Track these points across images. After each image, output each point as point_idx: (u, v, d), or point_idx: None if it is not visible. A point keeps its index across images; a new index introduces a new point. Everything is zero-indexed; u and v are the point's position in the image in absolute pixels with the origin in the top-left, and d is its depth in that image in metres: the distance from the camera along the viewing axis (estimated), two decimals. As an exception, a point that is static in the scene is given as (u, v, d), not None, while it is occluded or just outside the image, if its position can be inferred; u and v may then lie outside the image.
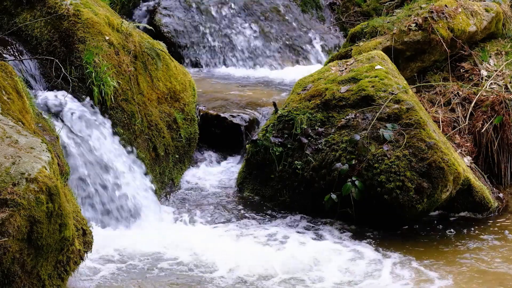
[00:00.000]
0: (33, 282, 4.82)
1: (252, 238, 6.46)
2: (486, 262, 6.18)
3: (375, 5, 11.31)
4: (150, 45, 7.36)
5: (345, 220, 6.77)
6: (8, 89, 5.51)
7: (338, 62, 7.65)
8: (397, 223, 6.78)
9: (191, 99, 7.79)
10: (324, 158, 6.92)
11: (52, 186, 4.74)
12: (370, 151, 6.71)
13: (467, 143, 7.64)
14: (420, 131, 6.76)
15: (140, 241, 6.17)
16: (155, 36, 8.36)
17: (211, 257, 5.99)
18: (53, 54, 6.68)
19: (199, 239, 6.32)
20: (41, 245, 4.74)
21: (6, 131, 5.01)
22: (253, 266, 5.88)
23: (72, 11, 6.81)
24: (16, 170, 4.68)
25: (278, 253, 6.16)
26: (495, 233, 6.78)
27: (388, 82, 7.13)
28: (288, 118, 7.23)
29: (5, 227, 4.50)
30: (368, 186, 6.66)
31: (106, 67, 6.70)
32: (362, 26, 8.60)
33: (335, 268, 5.96)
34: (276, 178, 7.18)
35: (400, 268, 6.03)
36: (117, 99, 6.82)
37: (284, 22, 11.23)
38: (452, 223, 6.99)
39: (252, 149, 7.32)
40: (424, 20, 8.15)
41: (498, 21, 8.81)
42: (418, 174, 6.60)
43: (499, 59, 8.48)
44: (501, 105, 7.67)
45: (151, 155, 7.09)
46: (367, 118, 6.96)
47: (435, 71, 8.41)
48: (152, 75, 7.32)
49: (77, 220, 5.42)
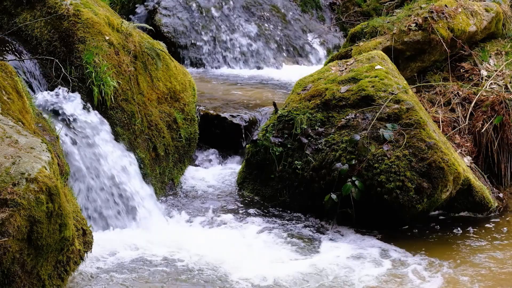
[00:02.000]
0: (33, 282, 4.82)
1: (252, 238, 6.46)
2: (489, 262, 6.19)
3: (375, 5, 11.32)
4: (150, 45, 7.36)
5: (345, 220, 6.77)
6: (8, 89, 5.51)
7: (338, 62, 7.65)
8: (397, 223, 6.78)
9: (191, 99, 7.79)
10: (324, 158, 6.92)
11: (52, 186, 4.74)
12: (370, 151, 6.71)
13: (467, 143, 7.64)
14: (420, 131, 6.76)
15: (139, 241, 6.17)
16: (155, 36, 8.37)
17: (211, 258, 5.99)
18: (53, 54, 6.68)
19: (199, 239, 6.32)
20: (41, 245, 4.73)
21: (6, 131, 5.01)
22: (254, 268, 5.88)
23: (72, 11, 6.81)
24: (16, 170, 4.68)
25: (278, 253, 6.16)
26: (495, 233, 6.78)
27: (388, 82, 7.13)
28: (288, 118, 7.23)
29: (5, 227, 4.50)
30: (368, 186, 6.66)
31: (106, 67, 6.70)
32: (362, 26, 8.60)
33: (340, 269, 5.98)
34: (276, 178, 7.17)
35: (401, 266, 6.04)
36: (117, 99, 6.82)
37: (284, 22, 11.23)
38: (452, 223, 6.99)
39: (252, 149, 7.32)
40: (424, 20, 8.15)
41: (498, 21, 8.82)
42: (418, 174, 6.60)
43: (499, 59, 8.48)
44: (501, 105, 7.67)
45: (151, 155, 7.09)
46: (367, 118, 6.96)
47: (435, 71, 8.41)
48: (152, 75, 7.32)
49: (77, 220, 5.42)
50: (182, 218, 6.77)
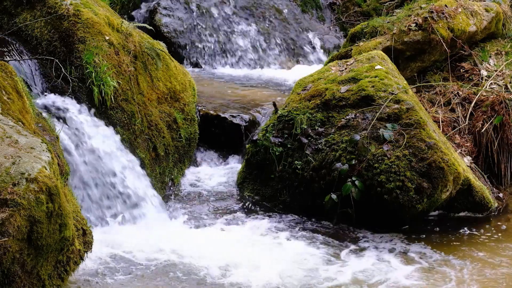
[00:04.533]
0: (33, 282, 4.82)
1: (253, 239, 6.46)
2: (489, 262, 6.20)
3: (375, 5, 11.31)
4: (150, 45, 7.36)
5: (345, 220, 6.77)
6: (8, 89, 5.51)
7: (338, 62, 7.65)
8: (397, 223, 6.78)
9: (191, 99, 7.79)
10: (324, 158, 6.92)
11: (52, 186, 4.74)
12: (370, 151, 6.71)
13: (467, 143, 7.64)
14: (420, 131, 6.76)
15: (139, 241, 6.17)
16: (155, 36, 8.36)
17: (211, 258, 5.99)
18: (53, 54, 6.68)
19: (199, 239, 6.32)
20: (41, 245, 4.74)
21: (6, 131, 5.02)
22: (254, 267, 5.88)
23: (72, 11, 6.81)
24: (16, 170, 4.68)
25: (277, 253, 6.16)
26: (495, 233, 6.78)
27: (388, 82, 7.13)
28: (288, 118, 7.23)
29: (5, 227, 4.50)
30: (368, 186, 6.66)
31: (106, 67, 6.70)
32: (362, 26, 8.60)
33: (341, 269, 5.99)
34: (276, 178, 7.18)
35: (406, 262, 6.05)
36: (117, 99, 6.82)
37: (284, 22, 11.23)
38: (452, 223, 6.99)
39: (252, 149, 7.32)
40: (424, 20, 8.15)
41: (498, 21, 8.82)
42: (418, 174, 6.60)
43: (499, 59, 8.48)
44: (501, 105, 7.67)
45: (151, 155, 7.09)
46: (367, 118, 6.96)
47: (435, 71, 8.41)
48: (152, 75, 7.32)
49: (77, 220, 5.42)
50: (182, 218, 6.77)
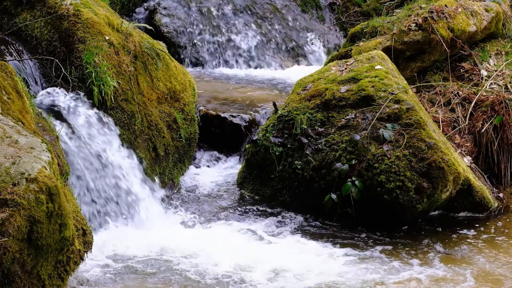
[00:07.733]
0: (33, 282, 4.82)
1: (253, 239, 6.46)
2: (489, 262, 6.20)
3: (375, 5, 11.31)
4: (150, 45, 7.36)
5: (345, 220, 6.77)
6: (8, 89, 5.51)
7: (338, 62, 7.65)
8: (397, 223, 6.78)
9: (191, 99, 7.79)
10: (324, 158, 6.92)
11: (52, 186, 4.74)
12: (370, 151, 6.71)
13: (467, 143, 7.64)
14: (420, 131, 6.76)
15: (138, 242, 6.17)
16: (155, 36, 8.36)
17: (210, 258, 5.99)
18: (53, 54, 6.68)
19: (199, 239, 6.32)
20: (41, 245, 4.73)
21: (6, 131, 5.01)
22: (254, 266, 5.88)
23: (72, 11, 6.81)
24: (16, 170, 4.68)
25: (277, 253, 6.16)
26: (495, 233, 6.78)
27: (388, 82, 7.13)
28: (288, 118, 7.23)
29: (5, 227, 4.50)
30: (368, 186, 6.66)
31: (106, 67, 6.70)
32: (362, 26, 8.60)
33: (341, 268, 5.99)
34: (276, 178, 7.18)
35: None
36: (117, 99, 6.82)
37: (284, 22, 11.23)
38: (452, 223, 6.99)
39: (252, 149, 7.32)
40: (424, 20, 8.15)
41: (498, 21, 8.81)
42: (418, 174, 6.60)
43: (499, 59, 8.48)
44: (501, 105, 7.67)
45: (151, 155, 7.09)
46: (367, 118, 6.96)
47: (435, 71, 8.41)
48: (152, 75, 7.32)
49: (77, 220, 5.42)
50: (182, 218, 6.77)
